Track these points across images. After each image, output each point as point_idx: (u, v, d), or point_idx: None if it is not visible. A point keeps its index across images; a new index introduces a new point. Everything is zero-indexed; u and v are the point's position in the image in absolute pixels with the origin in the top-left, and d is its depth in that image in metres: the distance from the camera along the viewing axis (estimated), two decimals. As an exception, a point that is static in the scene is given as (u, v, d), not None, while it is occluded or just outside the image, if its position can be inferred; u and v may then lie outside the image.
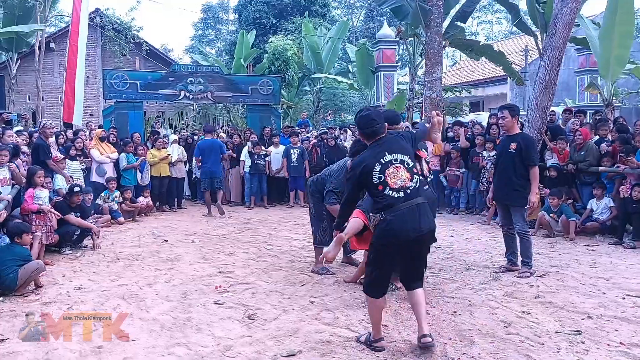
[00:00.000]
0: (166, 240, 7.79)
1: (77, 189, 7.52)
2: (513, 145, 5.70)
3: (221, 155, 10.78)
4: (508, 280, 5.46)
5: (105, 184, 9.62)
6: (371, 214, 3.72)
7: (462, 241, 7.61)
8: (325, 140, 11.62)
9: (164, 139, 11.45)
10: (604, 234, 7.75)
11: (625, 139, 8.00)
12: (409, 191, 3.58)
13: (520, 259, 5.82)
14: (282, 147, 11.56)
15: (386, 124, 3.87)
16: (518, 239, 5.84)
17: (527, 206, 5.66)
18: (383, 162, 3.62)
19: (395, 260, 3.69)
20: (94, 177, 9.86)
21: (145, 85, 12.25)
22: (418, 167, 3.74)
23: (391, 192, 3.57)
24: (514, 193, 5.70)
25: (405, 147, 3.76)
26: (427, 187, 4.38)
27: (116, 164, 10.23)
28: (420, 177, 3.73)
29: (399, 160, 3.63)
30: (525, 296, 4.93)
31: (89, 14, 16.85)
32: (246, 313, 4.53)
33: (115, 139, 10.71)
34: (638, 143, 7.67)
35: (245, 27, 24.90)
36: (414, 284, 3.76)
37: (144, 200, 10.25)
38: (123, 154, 10.27)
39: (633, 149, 7.72)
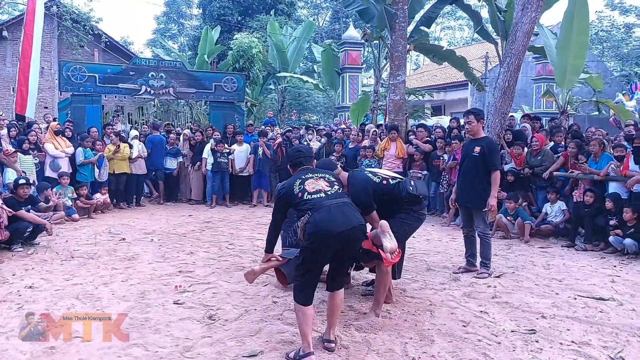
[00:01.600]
0: (123, 239, 7.62)
1: (22, 181, 7.27)
2: (477, 149, 5.75)
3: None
4: (467, 281, 5.58)
5: (58, 179, 9.35)
6: (299, 222, 3.66)
7: (423, 242, 7.69)
8: (290, 140, 11.61)
9: (117, 132, 11.25)
10: (558, 237, 8.00)
11: (581, 145, 8.23)
12: (329, 193, 3.65)
13: (479, 260, 5.94)
14: (245, 146, 11.47)
15: (314, 160, 4.07)
16: (478, 240, 5.95)
17: (485, 209, 5.74)
18: (304, 177, 3.77)
19: (324, 260, 3.67)
20: (48, 172, 9.57)
21: (105, 78, 11.93)
22: (339, 185, 3.82)
23: (310, 195, 3.63)
24: (476, 196, 5.78)
25: (329, 171, 3.95)
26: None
27: (72, 159, 9.96)
28: (341, 190, 3.79)
29: (319, 176, 3.79)
30: (483, 296, 5.05)
31: (45, 3, 16.32)
32: (207, 313, 4.48)
33: (70, 133, 10.43)
34: (591, 148, 7.92)
35: (209, 23, 24.60)
36: (337, 285, 3.79)
37: (100, 197, 10.00)
38: (80, 149, 10.01)
39: (587, 155, 7.98)
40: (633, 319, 4.49)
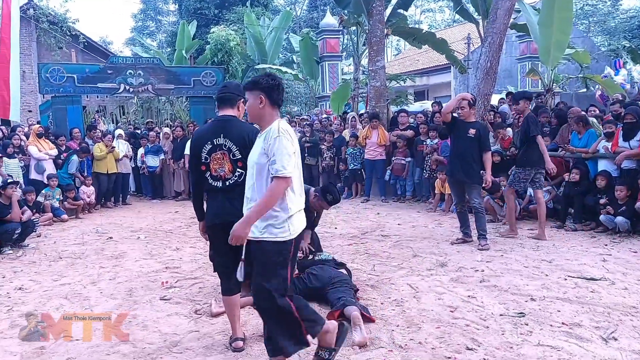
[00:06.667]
0: (111, 237, 7.64)
1: (9, 179, 7.44)
2: (472, 131, 6.30)
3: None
4: (454, 266, 5.54)
5: (46, 181, 9.37)
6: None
7: (409, 229, 7.67)
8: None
9: (105, 133, 11.18)
10: (547, 218, 7.76)
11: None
12: (227, 183, 3.52)
13: (474, 234, 6.46)
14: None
15: (240, 100, 3.64)
16: (474, 215, 6.45)
17: (484, 185, 6.46)
18: (215, 143, 3.52)
19: (219, 248, 3.59)
20: (33, 175, 9.62)
21: (83, 78, 11.95)
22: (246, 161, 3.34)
23: (211, 178, 3.55)
24: (472, 173, 6.34)
25: (241, 137, 3.49)
26: None
27: (55, 161, 9.98)
28: (245, 173, 3.37)
29: (227, 147, 3.50)
30: (471, 281, 5.02)
31: (22, 6, 16.22)
32: (193, 308, 4.48)
33: (65, 139, 10.53)
34: (573, 127, 7.89)
35: (186, 18, 24.33)
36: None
37: (86, 189, 9.99)
38: (75, 158, 10.02)
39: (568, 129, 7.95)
40: (625, 297, 4.43)
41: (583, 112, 8.42)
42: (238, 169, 3.50)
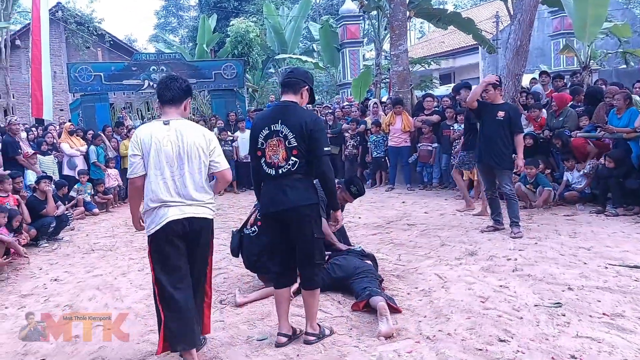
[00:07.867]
0: (139, 230, 7.76)
1: (43, 174, 7.94)
2: (501, 114, 6.04)
3: None
4: (485, 255, 5.32)
5: (77, 176, 9.73)
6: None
7: (437, 217, 7.46)
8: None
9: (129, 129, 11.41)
10: (585, 203, 7.42)
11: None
12: (280, 171, 3.41)
13: (506, 221, 6.19)
14: (248, 132, 11.34)
15: (305, 87, 3.56)
16: (505, 201, 6.19)
17: (516, 170, 6.24)
18: (272, 128, 3.43)
19: (274, 239, 3.57)
20: (66, 171, 10.05)
21: (109, 76, 12.41)
22: (302, 150, 3.38)
23: (265, 165, 3.47)
24: (503, 157, 6.06)
25: (299, 124, 3.38)
26: None
27: (86, 157, 10.34)
28: (299, 161, 3.39)
29: (283, 134, 3.39)
30: (503, 270, 4.79)
31: (51, 9, 16.80)
32: (218, 298, 4.50)
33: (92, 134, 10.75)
34: (615, 103, 7.38)
35: (206, 12, 24.36)
36: (304, 282, 3.56)
37: (110, 172, 10.27)
38: (93, 147, 10.33)
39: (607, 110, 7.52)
40: (672, 286, 4.13)
41: (626, 90, 7.88)
42: (292, 157, 3.40)
